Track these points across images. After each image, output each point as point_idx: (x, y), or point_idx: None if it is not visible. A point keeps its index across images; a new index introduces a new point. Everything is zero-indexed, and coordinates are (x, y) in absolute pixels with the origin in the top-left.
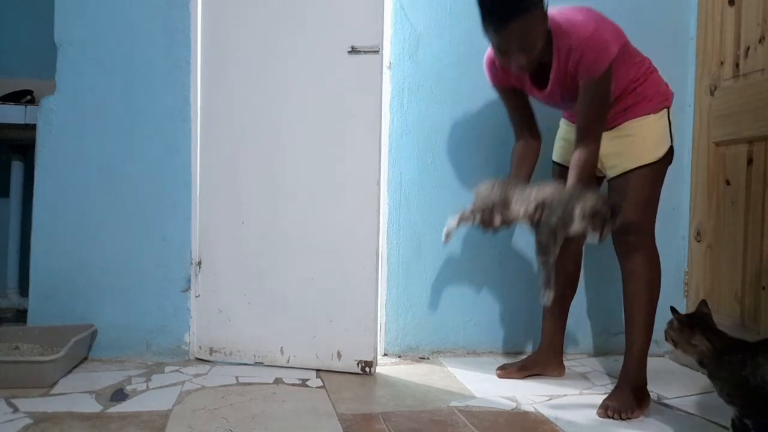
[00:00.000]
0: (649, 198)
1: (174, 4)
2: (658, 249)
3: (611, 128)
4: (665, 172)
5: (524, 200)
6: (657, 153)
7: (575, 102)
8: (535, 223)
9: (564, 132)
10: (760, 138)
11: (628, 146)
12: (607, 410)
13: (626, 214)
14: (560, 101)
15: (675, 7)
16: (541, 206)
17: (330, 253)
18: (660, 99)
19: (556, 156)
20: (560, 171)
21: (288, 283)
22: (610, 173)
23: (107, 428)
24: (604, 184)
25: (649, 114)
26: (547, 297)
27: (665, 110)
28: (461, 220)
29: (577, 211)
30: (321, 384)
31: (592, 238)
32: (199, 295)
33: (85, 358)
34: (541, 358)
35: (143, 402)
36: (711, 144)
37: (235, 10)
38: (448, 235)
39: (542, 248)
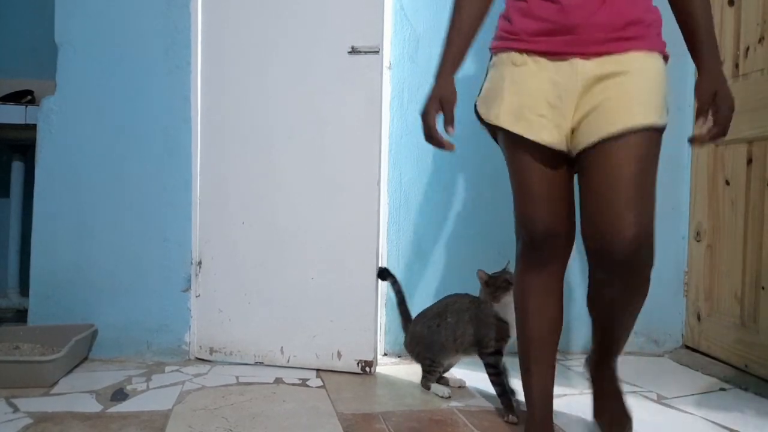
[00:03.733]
0: (651, 180)
1: (174, 5)
2: (657, 249)
3: (597, 55)
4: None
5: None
6: (663, 112)
7: None
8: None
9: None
10: (760, 138)
11: (621, 90)
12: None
13: (617, 205)
14: None
15: None
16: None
17: (330, 253)
18: (663, 43)
19: (536, 135)
20: (549, 159)
21: (288, 283)
22: (585, 140)
23: (107, 428)
24: None
25: (654, 51)
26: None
27: (665, 66)
28: None
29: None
30: (321, 384)
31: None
32: (199, 295)
33: (86, 358)
34: None
35: (143, 402)
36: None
37: (235, 10)
38: None
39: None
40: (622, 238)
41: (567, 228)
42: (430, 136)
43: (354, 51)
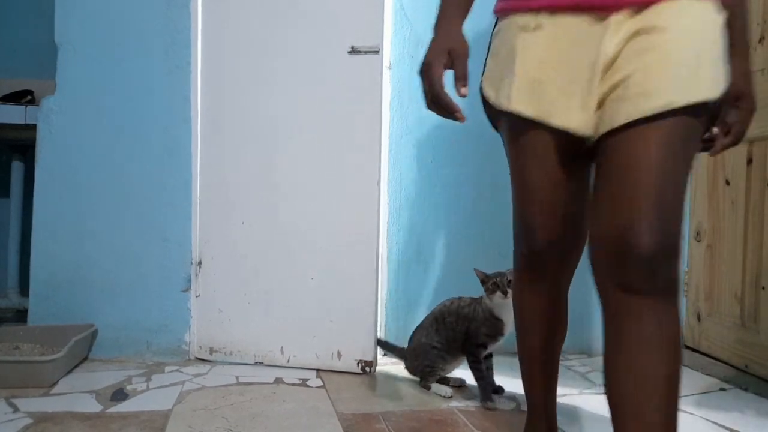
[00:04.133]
0: (681, 178)
1: (174, 4)
2: None
3: (634, 6)
4: None
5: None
6: (716, 81)
7: None
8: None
9: (535, 54)
10: (760, 138)
11: (661, 54)
12: None
13: (638, 203)
14: None
15: None
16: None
17: (330, 253)
18: None
19: (557, 119)
20: (563, 153)
21: (288, 283)
22: (609, 121)
23: (107, 428)
24: None
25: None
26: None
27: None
28: None
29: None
30: (321, 384)
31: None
32: (199, 295)
33: (86, 358)
34: None
35: (143, 402)
36: None
37: (235, 10)
38: None
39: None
40: (636, 245)
41: (574, 238)
42: (437, 98)
43: (354, 51)
